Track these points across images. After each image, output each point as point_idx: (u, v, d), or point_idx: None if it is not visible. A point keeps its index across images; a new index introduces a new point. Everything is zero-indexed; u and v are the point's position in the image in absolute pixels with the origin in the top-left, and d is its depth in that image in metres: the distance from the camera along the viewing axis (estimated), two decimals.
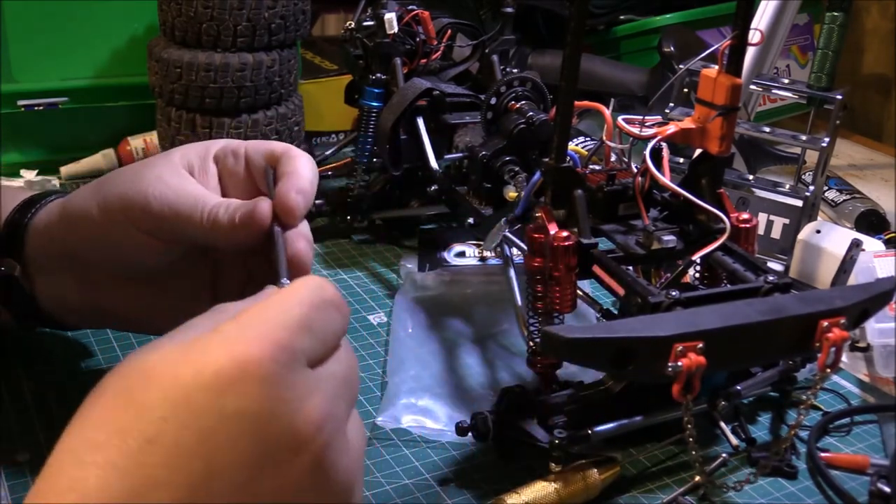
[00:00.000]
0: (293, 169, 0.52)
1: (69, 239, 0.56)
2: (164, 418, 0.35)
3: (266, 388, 0.36)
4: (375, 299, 0.78)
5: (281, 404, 0.36)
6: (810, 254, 0.81)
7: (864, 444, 0.63)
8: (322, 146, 1.07)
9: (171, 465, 0.34)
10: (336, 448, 0.38)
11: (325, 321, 0.40)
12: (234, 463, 0.35)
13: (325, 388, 0.38)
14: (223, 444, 0.35)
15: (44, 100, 0.97)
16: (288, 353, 0.37)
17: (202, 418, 0.35)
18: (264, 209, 0.50)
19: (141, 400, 0.35)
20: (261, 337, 0.37)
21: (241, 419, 0.35)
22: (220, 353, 0.36)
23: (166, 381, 0.36)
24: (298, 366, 0.37)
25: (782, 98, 1.19)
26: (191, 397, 0.35)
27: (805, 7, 1.19)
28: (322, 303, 0.40)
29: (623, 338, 0.47)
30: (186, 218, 0.51)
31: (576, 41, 0.52)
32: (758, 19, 0.90)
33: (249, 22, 0.87)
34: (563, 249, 0.54)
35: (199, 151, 0.55)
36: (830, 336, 0.49)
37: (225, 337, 0.37)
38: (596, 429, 0.57)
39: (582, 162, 0.62)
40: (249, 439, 0.35)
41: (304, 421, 0.37)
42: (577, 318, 0.71)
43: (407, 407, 0.62)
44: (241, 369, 0.36)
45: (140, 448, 0.34)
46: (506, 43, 0.87)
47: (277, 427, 0.36)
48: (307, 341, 0.38)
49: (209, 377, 0.35)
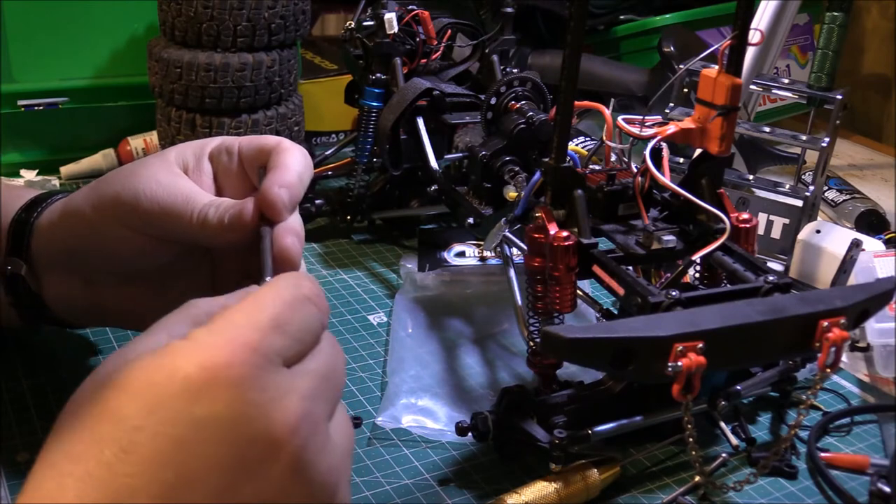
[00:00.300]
0: (280, 162, 0.51)
1: (68, 238, 0.56)
2: (138, 427, 0.35)
3: (237, 392, 0.35)
4: (375, 299, 0.78)
5: (253, 408, 0.36)
6: (810, 254, 0.81)
7: (864, 444, 0.63)
8: (322, 146, 1.07)
9: (147, 473, 0.34)
10: (315, 448, 0.38)
11: (300, 319, 0.39)
12: (211, 469, 0.35)
13: (301, 387, 0.38)
14: (198, 451, 0.35)
15: (44, 100, 0.97)
16: (259, 355, 0.37)
17: (175, 426, 0.35)
18: (249, 210, 0.50)
19: (115, 408, 0.35)
20: (231, 340, 0.36)
21: (214, 425, 0.35)
22: (191, 360, 0.36)
23: (139, 390, 0.35)
24: (271, 367, 0.37)
25: (782, 98, 1.19)
26: (163, 405, 0.35)
27: (805, 7, 1.19)
28: (296, 300, 0.40)
29: (623, 338, 0.47)
30: (176, 217, 0.51)
31: (576, 41, 0.52)
32: (758, 19, 0.90)
33: (249, 22, 0.87)
34: (563, 249, 0.54)
35: (195, 150, 0.55)
36: (830, 336, 0.49)
37: (196, 343, 0.37)
38: (596, 429, 0.57)
39: (582, 162, 0.62)
40: (224, 445, 0.35)
41: (280, 423, 0.36)
42: (577, 318, 0.71)
43: (407, 407, 0.62)
44: (211, 375, 0.35)
45: (116, 457, 0.34)
46: (506, 43, 0.87)
47: (251, 431, 0.36)
48: (280, 340, 0.38)
49: (179, 384, 0.35)
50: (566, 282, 0.55)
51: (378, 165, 0.88)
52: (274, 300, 0.39)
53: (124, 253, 0.54)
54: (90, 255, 0.56)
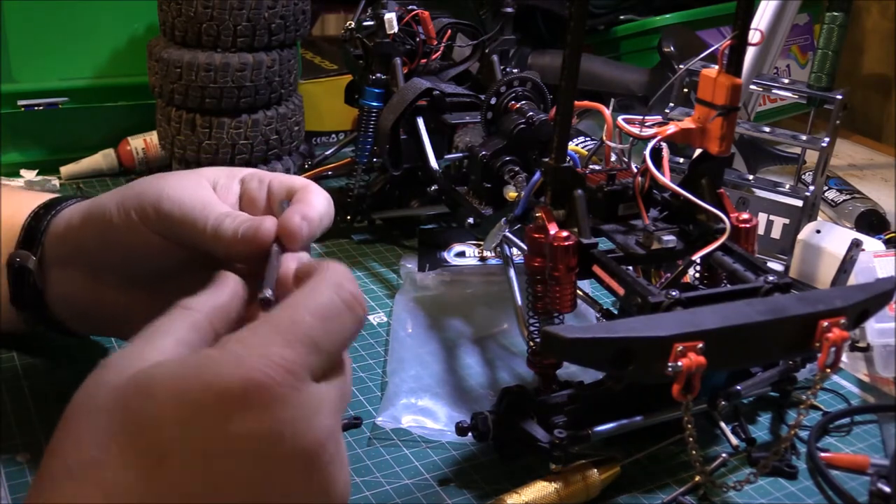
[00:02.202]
0: (307, 199, 0.52)
1: (84, 236, 0.56)
2: (172, 438, 0.35)
3: (272, 411, 0.36)
4: (375, 299, 0.78)
5: (286, 426, 0.36)
6: (810, 254, 0.81)
7: (864, 444, 0.63)
8: (322, 146, 1.08)
9: (178, 484, 0.34)
10: (338, 462, 0.38)
11: (336, 331, 0.39)
12: (240, 484, 0.35)
13: (329, 403, 0.38)
14: (228, 466, 0.35)
15: (44, 100, 0.97)
16: (293, 374, 0.37)
17: (208, 440, 0.35)
18: (268, 227, 0.50)
19: (145, 417, 0.35)
20: (265, 356, 0.36)
21: (247, 442, 0.35)
22: (226, 374, 0.36)
23: (172, 398, 0.35)
24: (304, 385, 0.37)
25: (782, 98, 1.19)
26: (197, 417, 0.35)
27: (805, 7, 1.19)
28: (334, 308, 0.40)
29: (623, 338, 0.47)
30: (192, 222, 0.51)
31: (576, 41, 0.52)
32: (758, 19, 0.90)
33: (249, 22, 0.87)
34: (563, 249, 0.54)
35: (227, 172, 0.56)
36: (830, 336, 0.49)
37: (231, 356, 0.36)
38: (596, 429, 0.57)
39: (582, 162, 0.62)
40: (254, 461, 0.35)
41: (311, 441, 0.37)
42: (577, 318, 0.71)
43: (407, 407, 0.62)
44: (246, 392, 0.35)
45: (146, 467, 0.34)
46: (506, 43, 0.87)
47: (283, 449, 0.36)
48: (314, 358, 0.38)
49: (214, 398, 0.35)
50: (566, 282, 0.55)
51: (378, 165, 0.88)
52: (313, 312, 0.39)
53: (137, 253, 0.54)
54: (103, 255, 0.56)
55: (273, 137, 0.92)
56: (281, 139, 0.93)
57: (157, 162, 1.00)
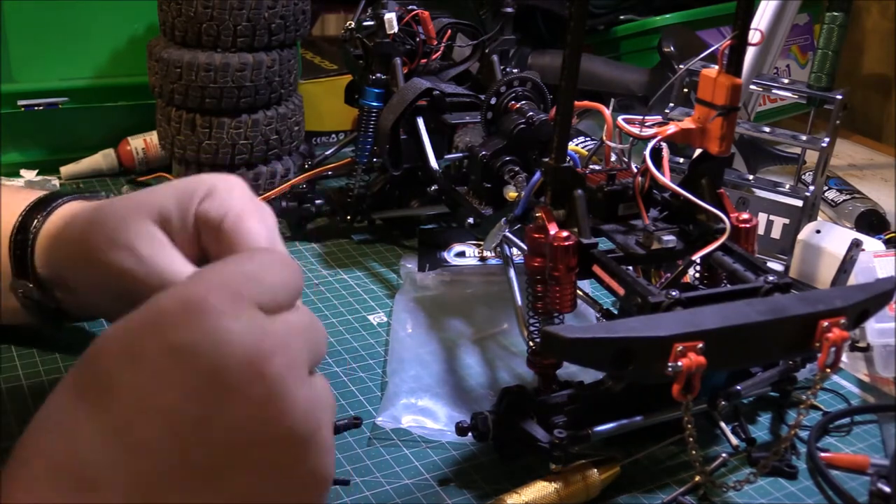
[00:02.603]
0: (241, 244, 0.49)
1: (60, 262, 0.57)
2: (115, 368, 0.36)
3: (213, 320, 0.36)
4: (375, 299, 0.78)
5: (229, 334, 0.36)
6: (810, 254, 0.81)
7: (864, 444, 0.63)
8: (322, 146, 1.08)
9: (128, 411, 0.35)
10: (293, 380, 0.38)
11: (276, 275, 0.41)
12: (187, 397, 0.36)
13: (278, 329, 0.38)
14: (174, 380, 0.36)
15: (44, 100, 0.97)
16: (232, 292, 0.38)
17: (152, 359, 0.36)
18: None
19: (90, 355, 0.37)
20: (208, 281, 0.38)
21: (189, 352, 0.36)
22: (167, 297, 0.37)
23: (116, 336, 0.37)
24: (246, 304, 0.38)
25: (782, 98, 1.19)
26: (138, 341, 0.37)
27: (805, 7, 1.19)
28: (273, 261, 0.41)
29: (623, 338, 0.47)
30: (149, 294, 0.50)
31: (576, 41, 0.52)
32: (758, 19, 0.90)
33: (249, 22, 0.87)
34: (563, 249, 0.54)
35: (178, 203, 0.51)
36: (830, 336, 0.49)
37: (174, 287, 0.38)
38: (596, 429, 0.57)
39: (582, 162, 0.62)
40: (199, 371, 0.36)
41: (255, 349, 0.37)
42: (577, 318, 0.71)
43: (407, 407, 0.62)
44: (185, 306, 0.37)
45: (95, 402, 0.36)
46: (506, 43, 0.87)
47: (226, 355, 0.36)
48: (256, 288, 0.39)
49: (154, 317, 0.37)
50: (566, 282, 0.55)
51: (378, 165, 0.88)
52: (251, 258, 0.42)
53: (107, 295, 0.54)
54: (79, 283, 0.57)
55: (273, 137, 0.92)
56: (281, 139, 0.93)
57: (157, 162, 1.00)
